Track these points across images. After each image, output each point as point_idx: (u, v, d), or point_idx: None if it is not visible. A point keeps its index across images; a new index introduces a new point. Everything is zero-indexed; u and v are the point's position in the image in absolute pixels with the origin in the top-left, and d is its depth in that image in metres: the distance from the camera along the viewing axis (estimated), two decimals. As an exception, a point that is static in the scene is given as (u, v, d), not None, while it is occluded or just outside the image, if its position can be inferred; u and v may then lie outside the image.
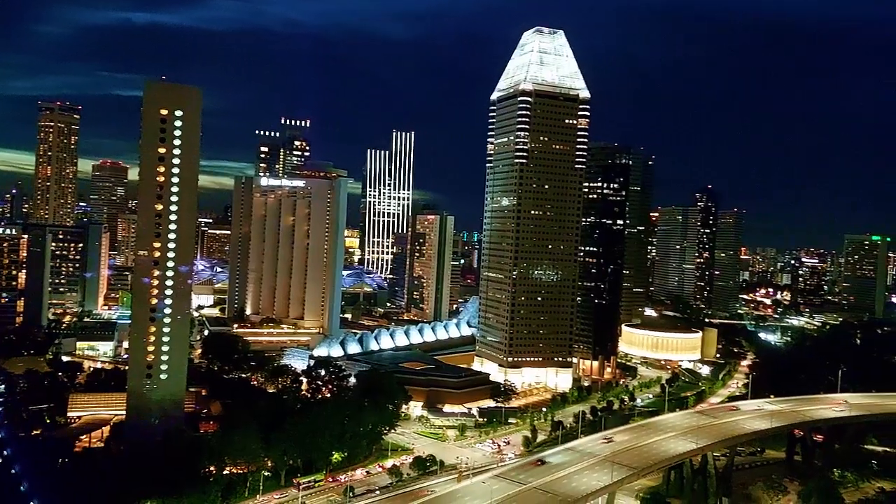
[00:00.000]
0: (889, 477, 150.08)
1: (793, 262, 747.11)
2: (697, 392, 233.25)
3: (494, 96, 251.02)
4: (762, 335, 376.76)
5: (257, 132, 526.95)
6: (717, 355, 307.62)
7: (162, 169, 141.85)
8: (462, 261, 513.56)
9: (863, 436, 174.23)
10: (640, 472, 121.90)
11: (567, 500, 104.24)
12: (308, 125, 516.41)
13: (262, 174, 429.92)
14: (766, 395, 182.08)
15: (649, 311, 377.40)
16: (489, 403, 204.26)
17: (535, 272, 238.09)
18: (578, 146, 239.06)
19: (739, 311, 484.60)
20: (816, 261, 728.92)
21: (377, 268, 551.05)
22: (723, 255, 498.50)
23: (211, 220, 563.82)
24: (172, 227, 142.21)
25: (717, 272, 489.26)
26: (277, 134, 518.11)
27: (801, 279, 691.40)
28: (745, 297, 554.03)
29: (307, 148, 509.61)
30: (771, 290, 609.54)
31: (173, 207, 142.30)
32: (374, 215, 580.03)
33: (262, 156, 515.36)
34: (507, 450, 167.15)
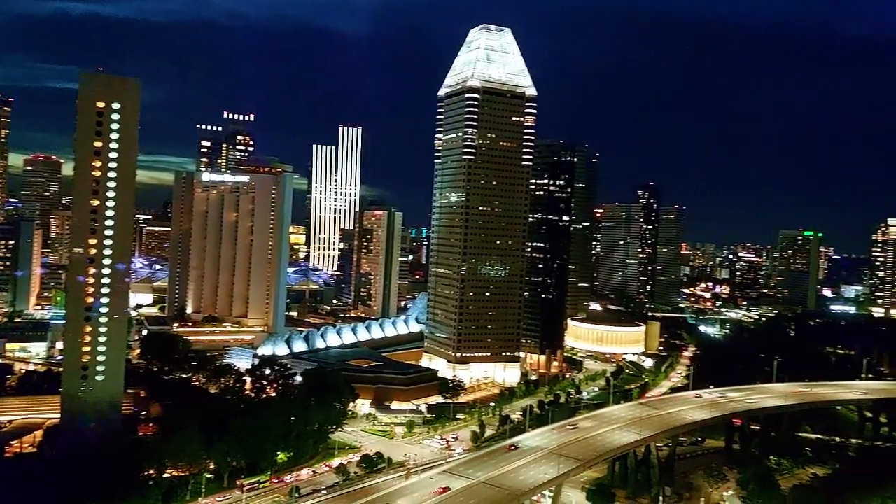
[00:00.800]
0: (822, 463, 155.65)
1: (731, 257, 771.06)
2: (641, 384, 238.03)
3: (442, 92, 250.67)
4: (702, 328, 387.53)
5: (199, 126, 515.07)
6: (660, 348, 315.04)
7: (98, 163, 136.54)
8: (410, 257, 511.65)
9: (797, 424, 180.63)
10: (586, 464, 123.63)
11: (515, 493, 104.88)
12: (252, 119, 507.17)
13: (203, 169, 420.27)
14: (706, 386, 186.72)
15: (594, 306, 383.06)
16: (437, 400, 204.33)
17: (484, 268, 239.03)
18: (525, 143, 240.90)
19: (681, 305, 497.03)
20: (753, 256, 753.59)
21: (324, 264, 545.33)
22: (664, 250, 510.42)
23: (150, 217, 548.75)
24: (109, 223, 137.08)
25: (659, 267, 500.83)
26: (220, 128, 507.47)
27: (738, 273, 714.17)
28: (685, 291, 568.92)
29: (251, 143, 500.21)
30: (710, 284, 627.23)
31: (110, 203, 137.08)
32: (321, 211, 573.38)
33: (204, 150, 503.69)
34: (456, 445, 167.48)
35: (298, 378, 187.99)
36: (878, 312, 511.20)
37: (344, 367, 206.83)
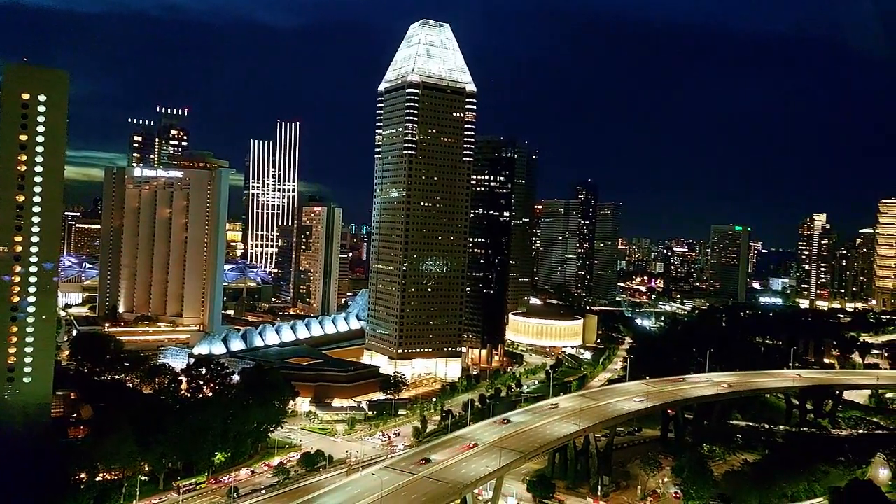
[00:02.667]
0: (751, 449, 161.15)
1: (665, 251, 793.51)
2: (580, 376, 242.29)
3: (382, 87, 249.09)
4: (638, 321, 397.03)
5: (130, 121, 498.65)
6: (598, 341, 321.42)
7: (24, 157, 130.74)
8: (350, 254, 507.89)
9: (728, 412, 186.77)
10: (527, 456, 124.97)
11: (457, 486, 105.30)
12: (186, 113, 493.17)
13: (135, 164, 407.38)
14: (642, 377, 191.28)
15: (534, 300, 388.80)
16: (379, 396, 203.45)
17: (425, 264, 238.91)
18: (466, 139, 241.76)
19: (617, 299, 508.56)
20: (686, 250, 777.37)
21: (261, 262, 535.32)
22: (602, 245, 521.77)
23: (79, 214, 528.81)
24: (35, 220, 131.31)
25: (596, 262, 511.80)
26: (152, 122, 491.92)
27: (672, 267, 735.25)
28: (622, 285, 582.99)
29: (185, 137, 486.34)
30: (646, 278, 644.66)
31: (36, 199, 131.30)
32: (258, 208, 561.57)
33: (136, 145, 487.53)
34: (398, 441, 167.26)
35: (236, 377, 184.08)
36: (803, 304, 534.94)
37: (283, 366, 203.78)
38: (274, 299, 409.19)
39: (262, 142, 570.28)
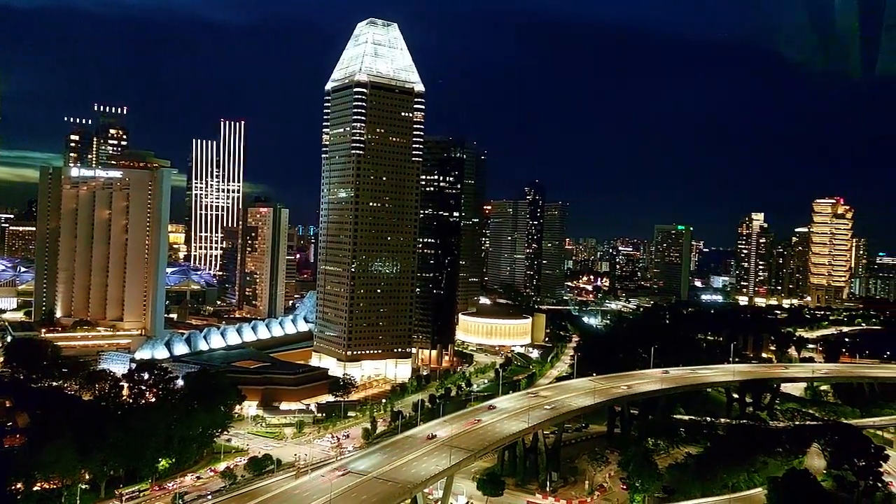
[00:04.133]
0: (694, 442, 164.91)
1: (611, 251, 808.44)
2: (528, 375, 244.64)
3: (329, 86, 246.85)
4: (585, 319, 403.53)
5: (66, 119, 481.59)
6: (546, 339, 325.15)
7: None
8: (298, 255, 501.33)
9: (672, 406, 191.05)
10: (477, 454, 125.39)
11: (407, 486, 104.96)
12: (125, 112, 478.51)
13: (72, 164, 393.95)
14: (589, 374, 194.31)
15: (484, 300, 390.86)
16: (328, 398, 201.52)
17: (375, 265, 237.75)
18: (415, 139, 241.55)
19: (565, 298, 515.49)
20: (631, 249, 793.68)
21: (206, 264, 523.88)
22: (549, 245, 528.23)
23: (12, 216, 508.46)
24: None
25: (544, 261, 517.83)
26: (90, 121, 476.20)
27: (618, 266, 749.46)
28: (569, 284, 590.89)
29: (124, 136, 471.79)
30: (592, 277, 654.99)
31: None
32: (202, 209, 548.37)
33: (73, 145, 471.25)
34: (347, 443, 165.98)
35: (180, 382, 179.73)
36: (743, 300, 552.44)
37: (229, 369, 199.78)
38: (219, 302, 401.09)
39: (205, 141, 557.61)
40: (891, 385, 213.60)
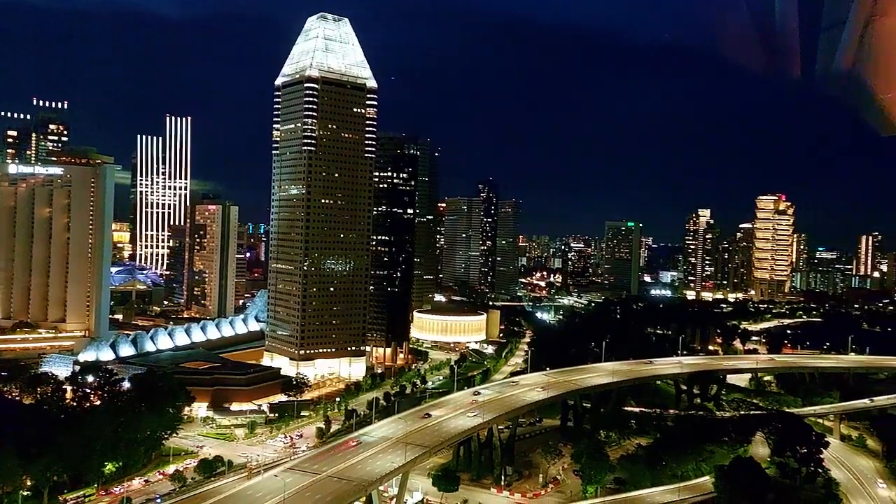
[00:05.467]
0: (645, 434, 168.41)
1: (563, 247, 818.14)
2: (483, 370, 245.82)
3: (279, 82, 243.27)
4: (539, 314, 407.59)
5: (3, 114, 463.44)
6: (501, 335, 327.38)
7: None
8: (248, 254, 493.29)
9: (623, 399, 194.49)
10: (432, 450, 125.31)
11: (362, 484, 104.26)
12: (65, 107, 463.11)
13: (10, 161, 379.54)
14: (542, 369, 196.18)
15: (439, 297, 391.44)
16: (281, 398, 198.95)
17: (327, 262, 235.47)
18: (368, 135, 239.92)
19: (519, 294, 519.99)
20: (583, 246, 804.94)
21: (152, 263, 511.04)
22: (503, 242, 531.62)
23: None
24: None
25: (498, 258, 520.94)
26: (28, 116, 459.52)
27: (570, 263, 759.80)
28: (523, 280, 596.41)
29: (65, 132, 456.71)
30: (545, 273, 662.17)
31: None
32: (147, 206, 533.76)
33: (10, 140, 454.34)
34: (301, 443, 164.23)
35: (127, 384, 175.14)
36: (690, 295, 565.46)
37: (177, 370, 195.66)
38: (166, 302, 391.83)
39: (150, 137, 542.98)
40: (830, 374, 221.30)
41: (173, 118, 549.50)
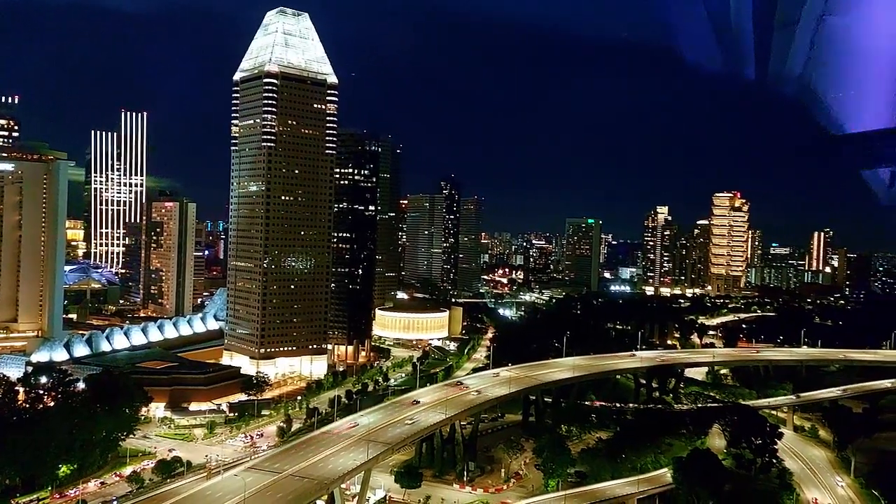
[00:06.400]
0: (605, 427, 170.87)
1: (525, 244, 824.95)
2: (446, 367, 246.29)
3: (237, 77, 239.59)
4: (501, 311, 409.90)
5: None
6: (463, 332, 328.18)
7: None
8: (207, 252, 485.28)
9: (584, 394, 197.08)
10: (395, 447, 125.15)
11: (324, 482, 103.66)
12: (16, 101, 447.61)
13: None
14: (505, 365, 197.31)
15: (401, 294, 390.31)
16: (241, 397, 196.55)
17: (288, 260, 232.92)
18: (328, 132, 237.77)
19: (481, 291, 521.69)
20: (544, 243, 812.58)
21: (107, 261, 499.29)
22: (466, 239, 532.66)
23: None
24: None
25: (461, 255, 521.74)
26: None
27: (531, 259, 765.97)
28: (485, 277, 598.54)
29: (16, 127, 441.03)
30: (507, 270, 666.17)
31: None
32: (102, 204, 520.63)
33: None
34: (261, 442, 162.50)
35: (82, 385, 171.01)
36: (649, 290, 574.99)
37: (134, 370, 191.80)
38: (122, 301, 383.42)
39: (105, 133, 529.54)
40: (783, 367, 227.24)
41: (129, 113, 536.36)
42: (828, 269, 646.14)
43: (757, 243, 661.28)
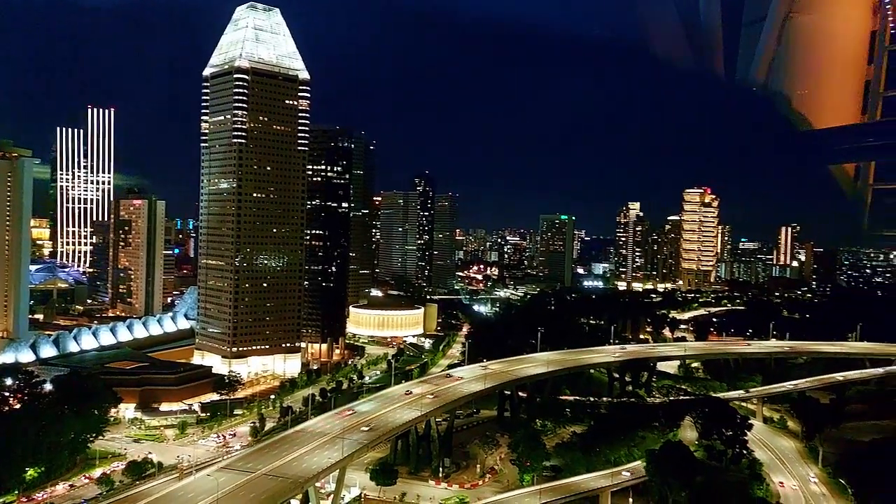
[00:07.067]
0: (579, 422, 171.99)
1: (499, 240, 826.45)
2: (421, 364, 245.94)
3: (207, 72, 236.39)
4: (476, 307, 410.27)
5: None
6: (438, 328, 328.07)
7: None
8: (177, 250, 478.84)
9: (558, 388, 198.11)
10: (370, 445, 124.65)
11: (298, 481, 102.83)
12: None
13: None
14: (480, 361, 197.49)
15: (375, 292, 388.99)
16: (213, 397, 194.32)
17: (260, 258, 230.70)
18: (300, 128, 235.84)
19: (456, 287, 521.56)
20: (518, 239, 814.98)
21: (74, 261, 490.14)
22: (440, 236, 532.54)
23: None
24: None
25: (435, 252, 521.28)
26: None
27: (506, 256, 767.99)
28: (460, 274, 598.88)
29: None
30: (482, 266, 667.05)
31: None
32: (68, 202, 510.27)
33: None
34: (234, 442, 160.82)
35: (49, 386, 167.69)
36: (622, 286, 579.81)
37: (103, 371, 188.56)
38: (90, 301, 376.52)
39: (71, 130, 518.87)
40: (752, 360, 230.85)
41: (95, 110, 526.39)
42: (795, 264, 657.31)
43: (726, 238, 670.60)
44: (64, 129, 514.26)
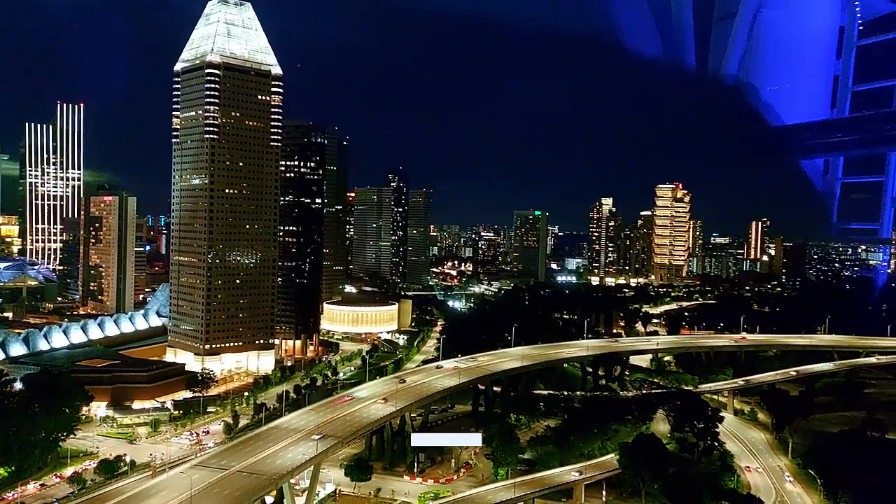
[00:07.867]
0: (553, 415, 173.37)
1: (473, 236, 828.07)
2: (395, 360, 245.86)
3: (179, 67, 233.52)
4: (450, 303, 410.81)
5: None
6: (413, 324, 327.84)
7: None
8: (148, 247, 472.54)
9: (532, 383, 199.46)
10: (345, 441, 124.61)
11: (272, 478, 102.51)
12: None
13: None
14: (455, 356, 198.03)
15: (349, 288, 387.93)
16: (186, 394, 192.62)
17: (233, 254, 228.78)
18: (273, 123, 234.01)
19: (431, 283, 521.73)
20: (492, 235, 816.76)
21: (44, 258, 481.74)
22: (414, 232, 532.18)
23: None
24: None
25: (410, 248, 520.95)
26: None
27: (480, 251, 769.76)
28: (434, 270, 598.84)
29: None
30: (456, 262, 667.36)
31: None
32: (38, 199, 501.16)
33: None
34: (208, 439, 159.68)
35: (19, 385, 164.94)
36: (595, 280, 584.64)
37: (74, 369, 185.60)
38: (60, 298, 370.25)
39: (40, 125, 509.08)
40: (723, 353, 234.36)
41: (65, 105, 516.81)
42: (765, 258, 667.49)
43: (698, 233, 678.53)
44: (33, 124, 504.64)
